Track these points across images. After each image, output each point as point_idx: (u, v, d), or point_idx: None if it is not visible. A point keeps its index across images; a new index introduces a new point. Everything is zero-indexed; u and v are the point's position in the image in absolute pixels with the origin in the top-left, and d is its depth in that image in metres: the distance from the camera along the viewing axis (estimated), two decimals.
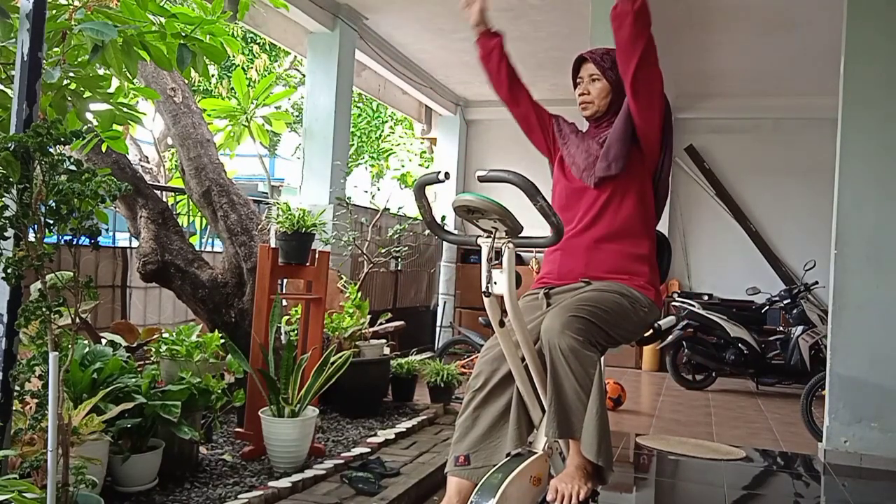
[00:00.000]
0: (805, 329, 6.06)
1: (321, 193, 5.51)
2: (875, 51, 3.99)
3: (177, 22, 2.18)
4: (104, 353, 2.62)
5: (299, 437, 2.91)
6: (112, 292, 4.18)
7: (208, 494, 2.54)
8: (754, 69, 6.71)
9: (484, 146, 8.69)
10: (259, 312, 3.18)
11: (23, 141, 1.71)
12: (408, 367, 4.39)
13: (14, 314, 1.78)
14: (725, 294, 7.47)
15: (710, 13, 5.44)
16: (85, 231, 1.79)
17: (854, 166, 4.01)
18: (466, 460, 2.02)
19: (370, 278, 5.91)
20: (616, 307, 2.03)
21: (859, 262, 3.97)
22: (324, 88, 5.59)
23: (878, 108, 3.98)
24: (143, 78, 3.83)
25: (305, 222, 3.29)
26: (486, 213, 1.76)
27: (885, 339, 3.91)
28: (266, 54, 9.41)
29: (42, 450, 1.86)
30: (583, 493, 1.87)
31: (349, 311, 4.13)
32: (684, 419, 5.03)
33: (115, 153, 3.55)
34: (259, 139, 5.17)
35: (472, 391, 2.08)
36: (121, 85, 2.35)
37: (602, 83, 2.22)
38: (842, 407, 3.97)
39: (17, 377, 1.79)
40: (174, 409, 2.53)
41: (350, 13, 5.62)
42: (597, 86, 2.23)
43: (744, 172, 7.76)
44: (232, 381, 3.21)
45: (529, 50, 6.42)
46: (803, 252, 6.86)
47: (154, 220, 3.69)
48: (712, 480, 3.55)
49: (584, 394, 1.88)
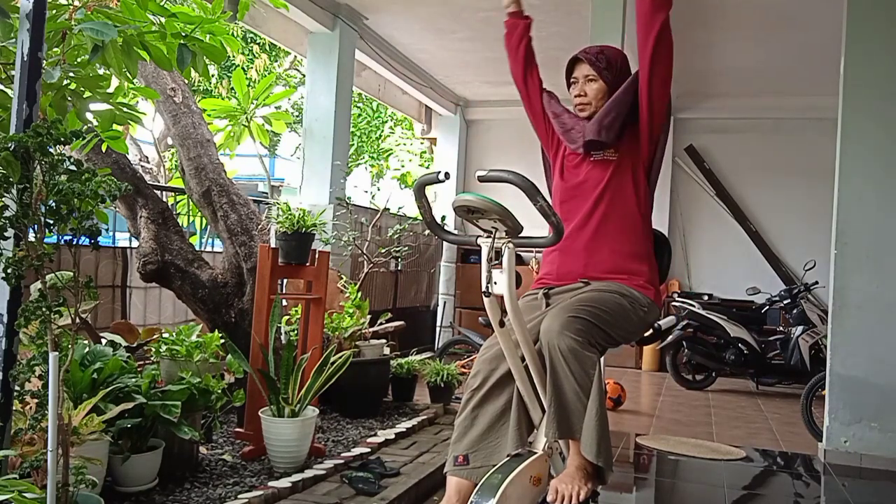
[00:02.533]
0: (805, 329, 6.06)
1: (321, 193, 5.51)
2: (875, 51, 3.99)
3: (177, 22, 2.18)
4: (104, 353, 2.62)
5: (299, 437, 2.91)
6: (112, 292, 4.18)
7: (208, 494, 2.54)
8: (754, 69, 6.71)
9: (484, 146, 8.68)
10: (259, 312, 3.18)
11: (23, 141, 1.71)
12: (408, 367, 4.39)
13: (14, 314, 1.78)
14: (725, 294, 7.47)
15: (710, 13, 5.44)
16: (85, 231, 1.79)
17: (854, 166, 4.01)
18: (465, 460, 2.02)
19: (370, 278, 5.91)
20: (615, 307, 2.03)
21: (859, 262, 3.97)
22: (324, 88, 5.59)
23: (879, 107, 3.98)
24: (143, 78, 3.82)
25: (305, 222, 3.28)
26: (486, 213, 1.76)
27: (885, 339, 3.91)
28: (266, 54, 9.41)
29: (42, 450, 1.86)
30: (583, 494, 1.87)
31: (349, 311, 4.13)
32: (684, 419, 5.03)
33: (115, 153, 3.55)
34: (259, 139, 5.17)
35: (471, 391, 2.08)
36: (121, 85, 2.35)
37: (598, 84, 2.21)
38: (842, 407, 3.97)
39: (17, 377, 1.79)
40: (174, 409, 2.53)
41: (350, 13, 5.62)
42: (593, 86, 2.21)
43: (744, 172, 7.76)
44: (232, 381, 3.21)
45: None
46: (803, 252, 6.86)
47: (154, 220, 3.69)
48: (712, 480, 3.55)
49: (584, 394, 1.88)
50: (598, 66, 2.20)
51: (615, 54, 2.25)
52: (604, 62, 2.20)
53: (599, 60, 2.20)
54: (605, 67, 2.20)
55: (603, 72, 2.19)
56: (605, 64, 2.20)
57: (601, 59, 2.21)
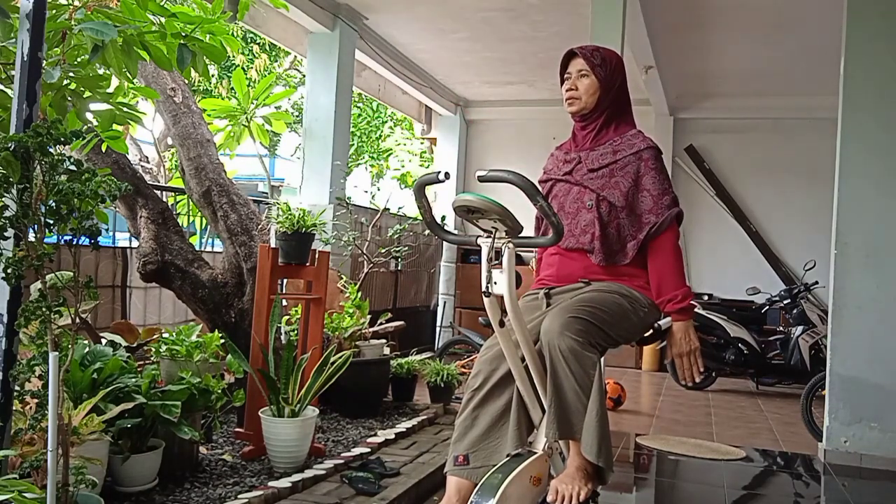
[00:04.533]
0: (805, 329, 6.06)
1: (321, 193, 5.51)
2: (875, 51, 3.99)
3: (177, 22, 2.18)
4: (104, 353, 2.62)
5: (299, 437, 2.91)
6: (112, 292, 4.18)
7: (208, 494, 2.54)
8: (754, 69, 6.71)
9: (484, 146, 8.69)
10: (259, 312, 3.18)
11: (23, 141, 1.71)
12: (408, 367, 4.39)
13: (14, 314, 1.78)
14: (725, 294, 7.47)
15: (710, 13, 5.44)
16: (85, 231, 1.79)
17: (854, 166, 4.01)
18: (465, 460, 2.01)
19: (370, 278, 5.91)
20: (616, 308, 2.03)
21: (859, 262, 3.97)
22: (324, 88, 5.59)
23: (879, 107, 3.98)
24: (143, 78, 3.82)
25: (305, 222, 3.28)
26: (486, 213, 1.76)
27: (885, 339, 3.91)
28: (266, 54, 9.41)
29: (42, 450, 1.86)
30: (583, 494, 1.87)
31: (349, 311, 4.13)
32: (684, 419, 5.03)
33: (115, 153, 3.55)
34: (259, 139, 5.16)
35: (471, 391, 2.08)
36: (121, 85, 2.35)
37: (590, 79, 2.19)
38: (842, 407, 3.97)
39: (17, 377, 1.79)
40: (174, 409, 2.53)
41: (350, 13, 5.62)
42: (585, 82, 2.20)
43: (744, 172, 7.76)
44: (232, 381, 3.21)
45: (530, 50, 6.42)
46: (803, 252, 6.87)
47: (154, 220, 3.69)
48: (712, 480, 3.55)
49: (584, 394, 1.88)
50: (593, 61, 2.19)
51: (611, 54, 2.25)
52: (598, 59, 2.19)
53: (594, 57, 2.20)
54: (599, 64, 2.19)
55: (596, 68, 2.18)
56: (599, 61, 2.19)
57: (596, 55, 2.20)
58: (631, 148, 2.18)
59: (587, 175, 2.18)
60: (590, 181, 2.17)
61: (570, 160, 2.25)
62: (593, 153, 2.20)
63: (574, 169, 2.22)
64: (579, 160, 2.22)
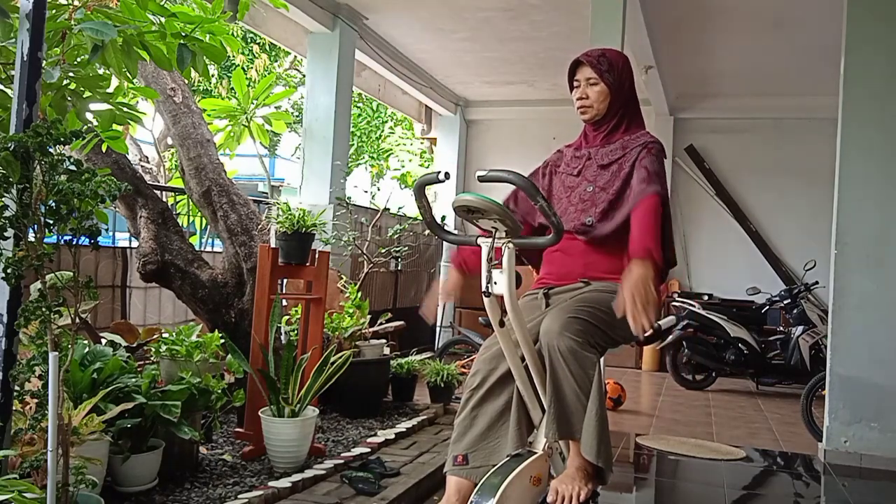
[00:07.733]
0: (805, 329, 6.06)
1: (321, 193, 5.51)
2: (875, 51, 3.98)
3: (177, 22, 2.18)
4: (104, 353, 2.62)
5: (299, 437, 2.91)
6: (112, 292, 4.18)
7: (208, 494, 2.54)
8: (754, 69, 6.71)
9: (484, 146, 8.69)
10: (259, 312, 3.18)
11: (23, 141, 1.71)
12: (408, 367, 4.39)
13: (14, 314, 1.78)
14: (725, 294, 7.46)
15: (710, 13, 5.44)
16: (85, 231, 1.79)
17: (854, 166, 4.01)
18: (465, 460, 2.02)
19: (370, 278, 5.91)
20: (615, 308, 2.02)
21: (859, 262, 3.97)
22: (324, 88, 5.59)
23: (879, 108, 3.98)
24: (143, 78, 3.82)
25: (305, 222, 3.28)
26: (486, 213, 1.76)
27: (885, 339, 3.91)
28: (266, 54, 9.41)
29: (42, 450, 1.86)
30: (583, 495, 1.87)
31: (349, 311, 4.13)
32: (684, 419, 5.03)
33: (115, 153, 3.55)
34: (259, 139, 5.16)
35: (470, 390, 2.08)
36: (120, 85, 2.35)
37: (600, 87, 2.21)
38: (842, 407, 3.97)
39: (17, 377, 1.79)
40: (174, 409, 2.52)
41: (350, 13, 5.62)
42: (595, 90, 2.21)
43: (744, 172, 7.76)
44: (232, 381, 3.21)
45: (529, 50, 6.42)
46: (803, 252, 6.86)
47: (154, 220, 3.69)
48: (712, 480, 3.55)
49: (584, 395, 1.88)
50: (600, 68, 2.20)
51: (617, 57, 2.25)
52: (605, 65, 2.20)
53: (601, 63, 2.20)
54: (607, 70, 2.20)
55: (605, 74, 2.20)
56: (606, 66, 2.20)
57: (603, 61, 2.21)
58: (638, 141, 2.21)
59: (596, 171, 2.22)
60: (597, 178, 2.20)
61: (580, 156, 2.29)
62: (603, 150, 2.24)
63: (584, 166, 2.25)
64: (589, 156, 2.26)
